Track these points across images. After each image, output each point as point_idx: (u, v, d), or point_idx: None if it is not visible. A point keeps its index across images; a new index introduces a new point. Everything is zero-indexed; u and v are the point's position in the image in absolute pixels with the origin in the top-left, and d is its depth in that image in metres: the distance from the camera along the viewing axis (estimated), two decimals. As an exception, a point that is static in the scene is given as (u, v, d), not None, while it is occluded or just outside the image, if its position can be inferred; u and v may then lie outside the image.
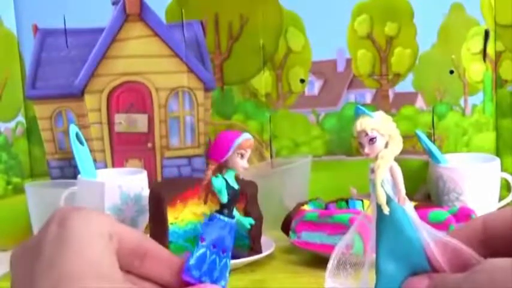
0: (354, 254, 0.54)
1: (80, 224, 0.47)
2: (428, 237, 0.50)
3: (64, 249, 0.45)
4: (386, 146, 0.51)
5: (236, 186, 0.56)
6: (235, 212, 0.57)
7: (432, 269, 0.49)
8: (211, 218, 0.55)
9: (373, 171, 0.51)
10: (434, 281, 0.49)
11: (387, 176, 0.51)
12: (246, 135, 0.55)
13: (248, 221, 0.59)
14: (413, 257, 0.50)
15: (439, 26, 1.16)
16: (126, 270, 0.51)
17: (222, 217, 0.55)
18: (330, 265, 0.55)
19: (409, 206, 0.51)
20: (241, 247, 0.94)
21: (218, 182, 0.55)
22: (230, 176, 0.56)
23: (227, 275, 0.56)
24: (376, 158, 0.51)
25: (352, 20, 1.17)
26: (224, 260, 0.55)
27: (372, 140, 0.51)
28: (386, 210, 0.50)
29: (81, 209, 0.49)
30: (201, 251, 0.54)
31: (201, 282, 0.53)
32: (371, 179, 0.51)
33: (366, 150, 0.51)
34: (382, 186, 0.50)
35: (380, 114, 0.52)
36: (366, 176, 0.52)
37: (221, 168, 0.55)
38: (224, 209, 0.56)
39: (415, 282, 0.50)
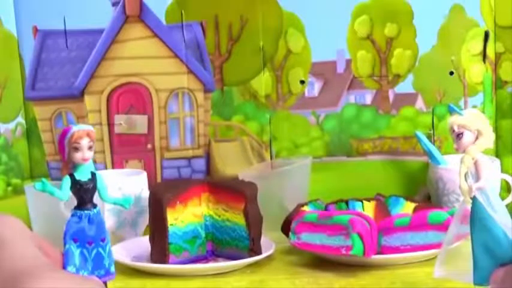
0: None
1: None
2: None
3: None
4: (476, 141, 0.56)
5: (84, 179, 0.58)
6: (111, 197, 0.60)
7: None
8: (72, 215, 0.59)
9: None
10: None
11: (471, 170, 0.54)
12: (74, 128, 0.58)
13: (127, 201, 0.61)
14: (502, 250, 0.53)
15: (439, 27, 1.16)
16: None
17: (77, 211, 0.58)
18: (439, 257, 0.61)
19: (497, 204, 0.54)
20: (241, 248, 0.94)
21: (63, 181, 0.58)
22: (79, 171, 0.58)
23: (106, 262, 0.58)
24: (463, 152, 0.56)
25: (352, 21, 1.17)
26: (95, 250, 0.57)
27: (458, 136, 0.56)
28: (467, 201, 0.54)
29: None
30: (65, 247, 0.57)
31: None
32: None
33: (454, 145, 0.57)
34: (466, 179, 0.55)
35: (469, 112, 0.56)
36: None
37: (70, 166, 0.58)
38: (80, 203, 0.59)
39: (499, 271, 0.54)
